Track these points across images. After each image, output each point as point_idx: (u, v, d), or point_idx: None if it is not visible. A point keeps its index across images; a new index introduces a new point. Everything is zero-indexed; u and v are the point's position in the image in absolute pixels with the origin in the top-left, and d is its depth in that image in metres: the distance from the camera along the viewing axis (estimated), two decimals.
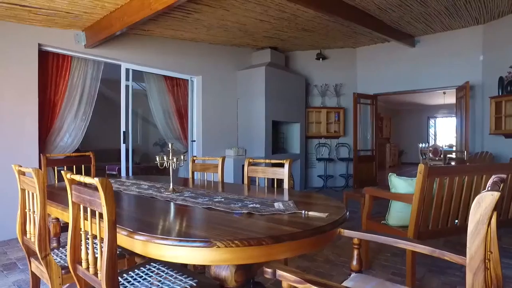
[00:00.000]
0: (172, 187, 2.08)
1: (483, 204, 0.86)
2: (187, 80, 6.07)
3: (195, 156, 2.92)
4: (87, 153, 3.44)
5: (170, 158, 2.05)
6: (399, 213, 2.57)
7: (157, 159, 2.06)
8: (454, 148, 11.39)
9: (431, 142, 14.14)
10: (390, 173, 2.56)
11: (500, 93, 5.63)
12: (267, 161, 2.42)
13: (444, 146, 10.71)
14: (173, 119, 6.01)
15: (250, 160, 2.47)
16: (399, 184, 2.51)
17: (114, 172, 7.75)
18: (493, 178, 1.12)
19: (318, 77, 7.66)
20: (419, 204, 2.30)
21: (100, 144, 9.41)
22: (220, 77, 6.40)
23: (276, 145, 7.31)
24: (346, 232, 1.56)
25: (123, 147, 5.15)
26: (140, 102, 8.45)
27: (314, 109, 7.54)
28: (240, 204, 1.69)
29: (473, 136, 6.26)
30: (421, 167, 2.25)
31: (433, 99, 11.88)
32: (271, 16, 4.79)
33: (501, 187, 0.94)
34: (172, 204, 1.79)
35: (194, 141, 6.18)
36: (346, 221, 1.55)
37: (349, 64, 7.75)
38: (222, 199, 1.83)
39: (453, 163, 10.35)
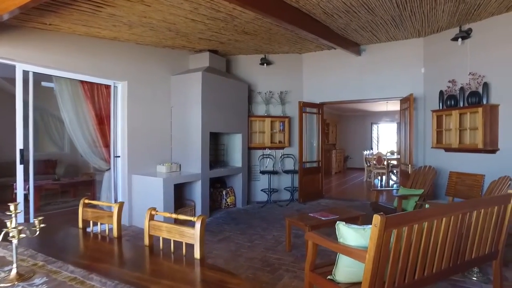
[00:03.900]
0: (16, 273, 1.34)
1: None
2: (110, 85, 5.18)
3: (86, 198, 2.16)
4: None
5: (12, 227, 1.31)
6: (348, 269, 2.07)
7: None
8: (395, 155, 11.66)
9: (374, 148, 14.47)
10: (338, 222, 2.05)
11: (441, 107, 5.58)
12: (173, 215, 1.74)
13: (387, 153, 10.89)
14: (92, 131, 5.08)
15: (153, 212, 1.79)
16: (348, 234, 2.01)
17: (25, 192, 6.52)
18: None
19: (262, 83, 7.15)
20: (373, 264, 1.81)
21: (13, 153, 7.97)
22: (151, 83, 5.59)
23: (216, 158, 6.66)
24: None
25: (19, 169, 4.13)
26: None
27: (258, 118, 7.01)
28: None
29: (415, 148, 6.17)
30: (376, 219, 1.75)
31: (377, 106, 12.08)
32: (203, 16, 4.13)
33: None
34: None
35: (119, 156, 5.30)
36: None
37: (295, 70, 7.35)
38: None
39: (395, 171, 10.54)
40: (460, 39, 5.19)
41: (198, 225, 1.57)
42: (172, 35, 4.93)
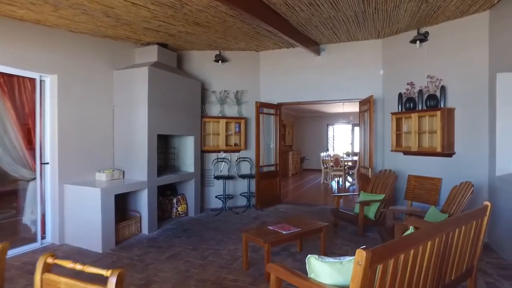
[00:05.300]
0: None
1: None
2: (35, 79, 4.36)
3: None
4: None
5: None
6: None
7: None
8: (351, 157, 11.73)
9: (330, 149, 14.55)
10: (309, 255, 1.63)
11: (400, 109, 5.49)
12: (78, 266, 1.15)
13: (343, 155, 10.89)
14: (12, 133, 4.23)
15: (49, 260, 1.21)
16: (321, 270, 1.60)
17: None
18: None
19: (217, 82, 6.64)
20: None
21: None
22: (88, 78, 4.83)
23: (166, 163, 6.03)
24: None
25: None
26: None
27: (212, 118, 6.49)
28: None
29: (374, 151, 6.04)
30: (360, 256, 1.35)
31: (333, 107, 12.09)
32: None
33: None
34: None
35: (47, 163, 4.49)
36: None
37: (251, 69, 6.93)
38: None
39: (351, 172, 10.56)
40: (418, 42, 5.12)
41: (111, 283, 1.04)
42: (112, 22, 4.26)
